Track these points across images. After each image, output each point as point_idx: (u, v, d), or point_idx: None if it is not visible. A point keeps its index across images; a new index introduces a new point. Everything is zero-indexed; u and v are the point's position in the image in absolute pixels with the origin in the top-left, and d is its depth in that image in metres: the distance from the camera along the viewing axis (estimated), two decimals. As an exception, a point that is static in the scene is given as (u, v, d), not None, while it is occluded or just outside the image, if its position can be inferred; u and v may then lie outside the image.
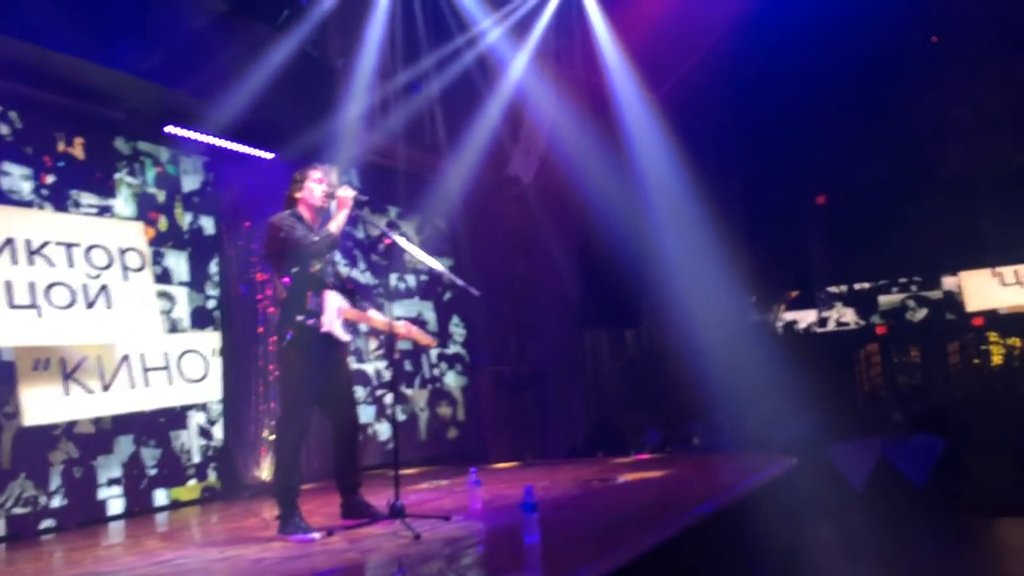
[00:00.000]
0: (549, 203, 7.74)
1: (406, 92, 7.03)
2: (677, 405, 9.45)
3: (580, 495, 4.74)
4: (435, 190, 7.45)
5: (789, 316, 12.12)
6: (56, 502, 5.24)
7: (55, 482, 5.26)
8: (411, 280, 7.84)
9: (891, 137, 10.93)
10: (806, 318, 12.07)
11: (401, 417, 7.46)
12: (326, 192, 4.27)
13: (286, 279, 4.14)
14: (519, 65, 7.07)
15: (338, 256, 7.01)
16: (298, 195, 4.32)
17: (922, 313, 11.42)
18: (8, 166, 5.31)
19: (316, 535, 3.95)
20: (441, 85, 7.07)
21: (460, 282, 4.43)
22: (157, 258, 6.10)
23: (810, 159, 11.05)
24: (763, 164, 10.23)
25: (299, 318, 4.04)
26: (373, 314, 4.43)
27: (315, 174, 4.33)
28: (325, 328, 4.08)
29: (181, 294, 6.24)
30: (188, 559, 3.77)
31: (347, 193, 4.21)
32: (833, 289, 11.89)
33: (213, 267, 6.48)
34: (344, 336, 4.22)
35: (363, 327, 6.98)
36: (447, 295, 8.12)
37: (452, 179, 7.38)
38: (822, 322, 12.00)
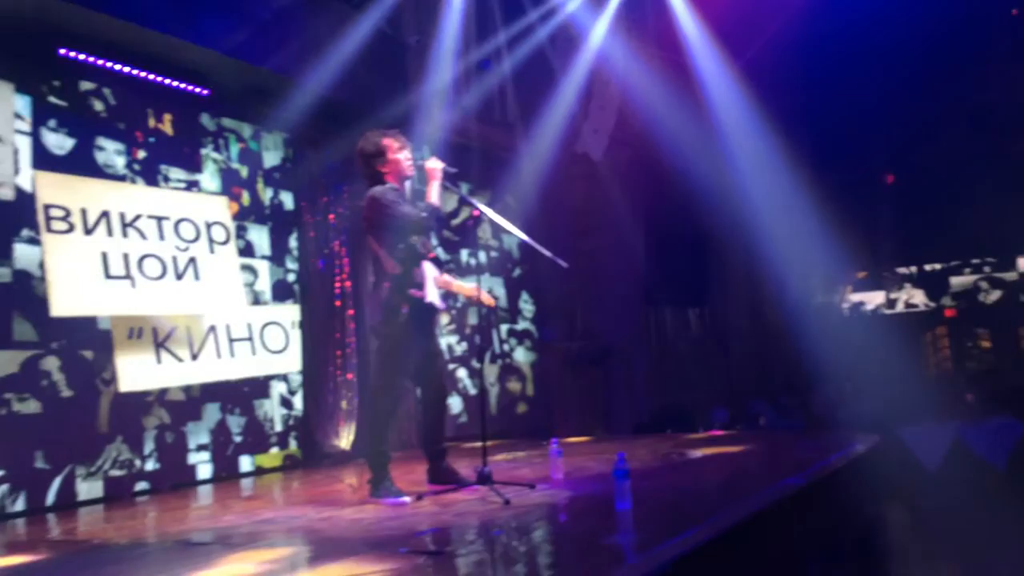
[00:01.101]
0: (619, 180, 7.74)
1: (479, 69, 7.08)
2: (743, 385, 9.42)
3: (661, 467, 4.78)
4: (506, 167, 7.50)
5: (856, 297, 11.95)
6: (150, 465, 5.46)
7: (149, 446, 5.48)
8: (482, 256, 7.93)
9: (963, 114, 10.65)
10: (874, 299, 11.89)
11: (472, 392, 7.58)
12: (411, 161, 4.33)
13: (394, 254, 4.17)
14: (592, 41, 7.06)
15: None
16: (383, 168, 4.34)
17: (996, 295, 11.18)
18: (103, 141, 5.51)
19: (407, 499, 4.06)
20: (514, 62, 7.10)
21: (547, 253, 4.48)
22: (240, 232, 6.27)
23: (879, 137, 10.83)
24: (832, 142, 10.07)
25: (411, 291, 4.13)
26: (452, 281, 4.52)
27: (392, 143, 4.34)
28: (428, 299, 4.18)
29: (263, 268, 6.41)
30: (289, 518, 3.92)
31: (436, 164, 4.27)
32: (903, 270, 11.69)
33: (292, 241, 6.64)
34: (441, 305, 4.33)
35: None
36: (517, 272, 8.19)
37: (523, 156, 7.42)
38: (890, 303, 11.81)
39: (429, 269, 4.25)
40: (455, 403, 7.48)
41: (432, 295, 4.22)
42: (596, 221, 8.10)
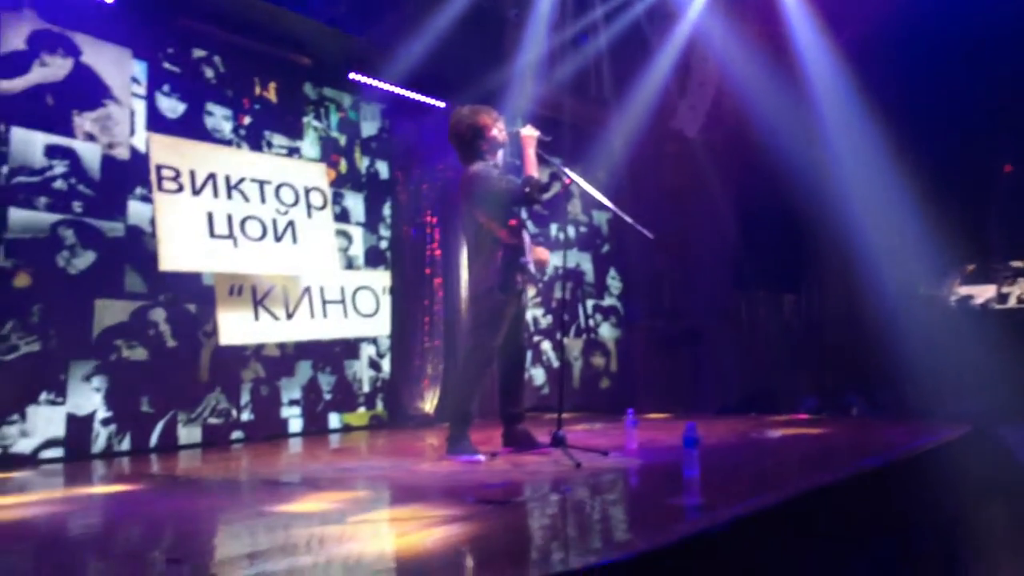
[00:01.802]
0: (714, 159, 7.63)
1: (574, 43, 7.09)
2: (836, 374, 9.17)
3: (738, 443, 4.76)
4: (599, 143, 7.50)
5: (965, 290, 11.43)
6: (245, 416, 5.75)
7: (245, 398, 5.77)
8: (571, 231, 7.97)
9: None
10: (984, 293, 11.34)
11: (556, 364, 7.66)
12: (504, 132, 4.43)
13: (505, 225, 4.29)
14: (690, 15, 6.97)
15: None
16: (484, 147, 4.47)
17: (1117, 292, 10.50)
18: (212, 107, 5.79)
19: (481, 457, 4.17)
20: (610, 36, 7.08)
21: (631, 221, 4.51)
22: (337, 198, 6.50)
23: (999, 125, 10.28)
24: (944, 127, 9.62)
25: (523, 260, 4.25)
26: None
27: (489, 121, 4.47)
28: (530, 266, 4.31)
29: (357, 233, 6.63)
30: (369, 468, 4.09)
31: (531, 132, 4.35)
32: (1017, 263, 11.11)
33: (386, 210, 6.84)
34: (536, 273, 4.44)
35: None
36: (605, 248, 8.20)
37: (616, 132, 7.41)
38: (1002, 298, 11.24)
39: (527, 239, 4.36)
40: (538, 375, 7.58)
41: (531, 263, 4.33)
42: (688, 200, 8.01)
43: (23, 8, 4.87)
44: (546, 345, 7.72)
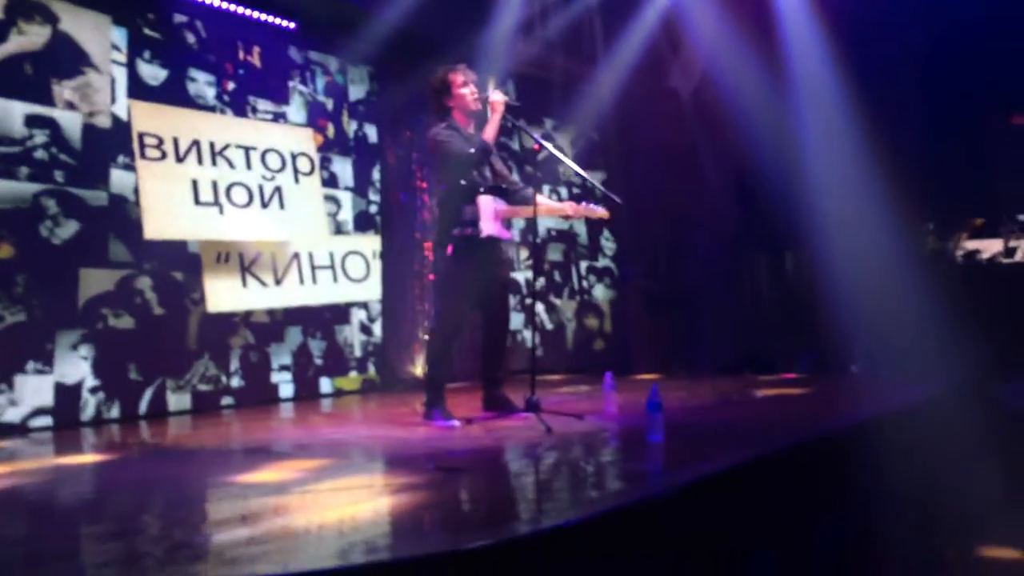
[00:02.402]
0: (708, 119, 7.52)
1: (563, 1, 6.97)
2: (834, 332, 9.12)
3: (715, 406, 4.77)
4: (591, 102, 7.42)
5: (972, 245, 11.29)
6: (235, 382, 5.81)
7: (234, 364, 5.82)
8: (563, 192, 7.92)
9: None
10: (991, 248, 11.20)
11: (549, 326, 7.67)
12: (476, 95, 4.39)
13: (442, 188, 4.30)
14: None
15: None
16: (450, 103, 4.44)
17: None
18: (195, 72, 5.76)
19: (456, 423, 4.21)
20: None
21: (603, 189, 4.47)
22: (325, 163, 6.48)
23: (1004, 74, 10.03)
24: (949, 79, 9.41)
25: (455, 231, 4.22)
26: (542, 201, 4.53)
27: (459, 78, 4.42)
28: (485, 233, 4.25)
29: (346, 198, 6.62)
30: (341, 435, 4.13)
31: (498, 98, 4.30)
32: (1024, 217, 10.93)
33: (375, 174, 6.82)
34: (504, 234, 4.39)
35: (516, 237, 7.17)
36: (614, 197, 8.15)
37: (608, 91, 7.31)
38: (1009, 252, 11.10)
39: (486, 202, 4.31)
40: (530, 337, 7.58)
41: (491, 228, 4.28)
42: (683, 160, 7.92)
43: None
44: (539, 307, 7.73)
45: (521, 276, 7.58)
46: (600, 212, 4.68)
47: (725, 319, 8.11)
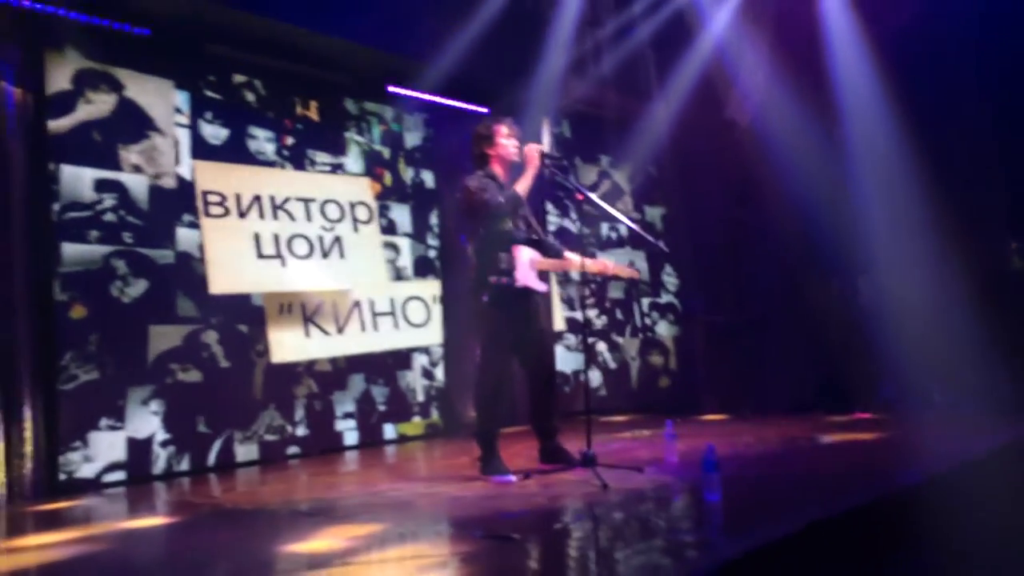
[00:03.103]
0: (769, 147, 7.37)
1: (617, 38, 6.95)
2: (916, 362, 8.78)
3: (781, 454, 4.62)
4: (647, 137, 7.36)
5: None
6: (300, 431, 5.90)
7: (299, 413, 5.91)
8: (622, 229, 7.85)
9: None
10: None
11: (612, 365, 7.59)
12: (517, 148, 4.40)
13: (476, 239, 4.30)
14: (733, 3, 6.73)
15: (549, 206, 7.22)
16: (490, 151, 4.46)
17: None
18: (255, 130, 5.92)
19: (513, 477, 4.17)
20: (653, 28, 6.91)
21: (650, 238, 4.41)
22: (383, 211, 6.57)
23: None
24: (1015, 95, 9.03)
25: (492, 279, 4.21)
26: (568, 256, 4.52)
27: (503, 129, 4.45)
28: (520, 283, 4.24)
29: (405, 245, 6.69)
30: (397, 492, 4.14)
31: (533, 149, 4.30)
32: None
33: (433, 218, 6.88)
34: (539, 287, 4.37)
35: (574, 275, 7.14)
36: (659, 242, 8.05)
37: (664, 125, 7.25)
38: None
39: (524, 252, 4.30)
40: (594, 376, 7.51)
41: (527, 278, 4.27)
42: (747, 189, 7.77)
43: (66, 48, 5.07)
44: (601, 346, 7.65)
45: (582, 315, 7.52)
46: (631, 273, 4.62)
47: (794, 352, 7.89)
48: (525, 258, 4.30)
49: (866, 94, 6.64)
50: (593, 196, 4.35)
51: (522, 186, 4.29)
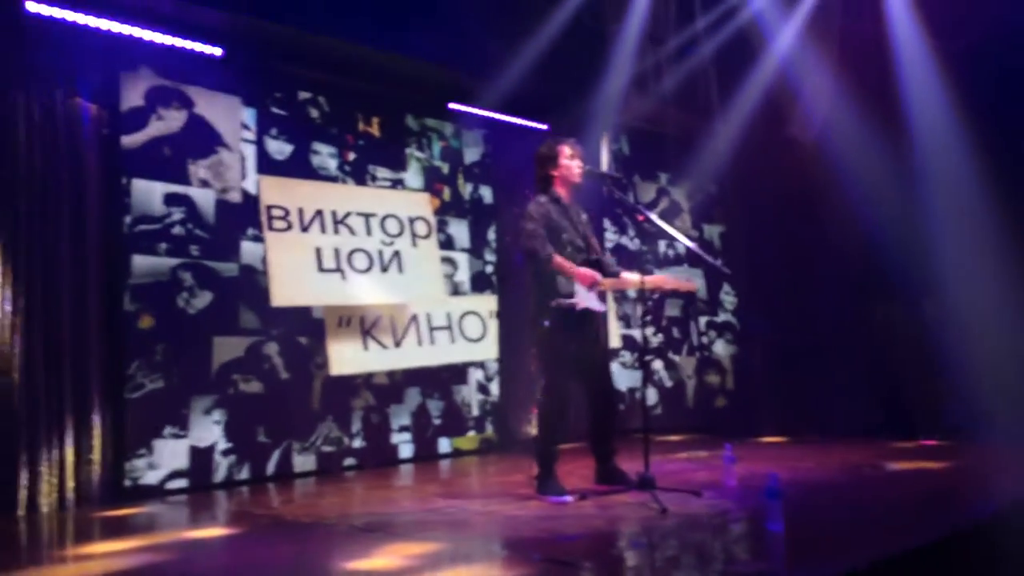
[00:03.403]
0: (831, 164, 7.24)
1: (679, 54, 6.91)
2: (983, 384, 8.52)
3: (845, 482, 4.51)
4: (706, 154, 7.30)
5: None
6: (357, 443, 5.96)
7: (356, 426, 5.97)
8: (680, 247, 7.79)
9: None
10: None
11: (668, 384, 7.51)
12: (581, 169, 4.40)
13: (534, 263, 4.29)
14: (798, 20, 6.64)
15: (607, 223, 7.19)
16: (554, 172, 4.45)
17: None
18: (318, 146, 6.03)
19: (569, 498, 4.15)
20: (715, 45, 6.85)
21: (709, 258, 4.36)
22: (441, 226, 6.62)
23: None
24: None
25: (552, 303, 4.21)
26: (625, 276, 4.49)
27: (566, 150, 4.44)
28: (581, 305, 4.23)
29: (462, 260, 6.73)
30: (454, 509, 4.14)
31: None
32: None
33: (491, 234, 6.91)
34: (599, 307, 4.36)
35: (631, 293, 7.10)
36: (718, 261, 7.97)
37: (725, 142, 7.17)
38: None
39: (592, 273, 4.29)
40: (650, 395, 7.45)
41: (587, 300, 4.25)
42: (808, 209, 7.64)
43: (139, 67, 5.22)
44: (658, 364, 7.58)
45: (639, 333, 7.48)
46: (688, 286, 4.57)
47: (855, 374, 7.71)
48: (596, 275, 4.29)
49: (936, 112, 6.48)
50: (654, 217, 4.32)
51: (577, 276, 4.26)
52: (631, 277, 4.42)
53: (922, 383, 8.21)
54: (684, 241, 4.37)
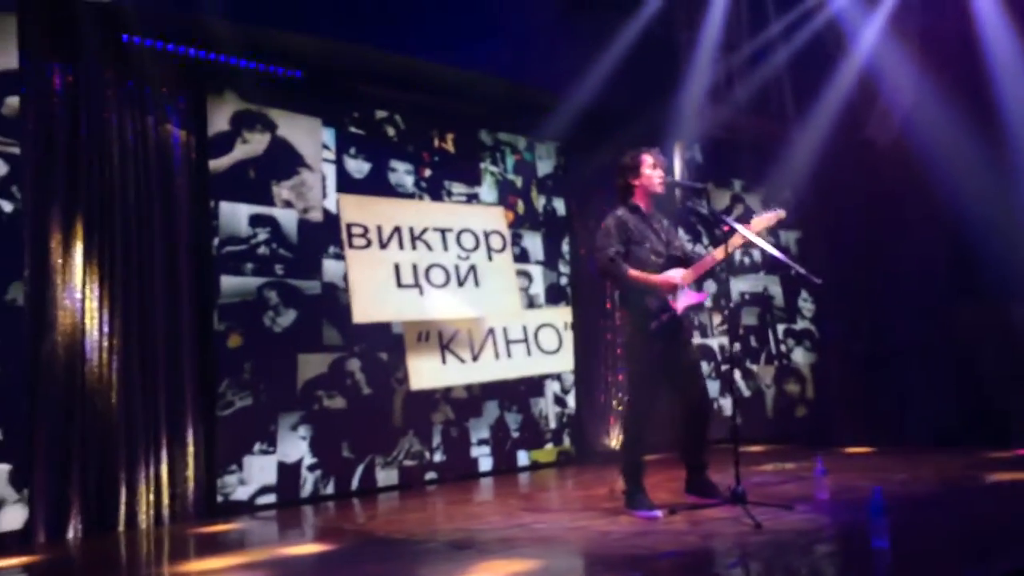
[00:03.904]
0: (910, 167, 7.06)
1: (752, 61, 6.83)
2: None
3: (943, 494, 4.38)
4: (781, 161, 7.18)
5: None
6: (437, 457, 6.01)
7: (436, 440, 6.03)
8: (756, 254, 7.68)
9: None
10: None
11: (746, 393, 7.40)
12: (663, 180, 4.37)
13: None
14: (878, 20, 6.50)
15: (680, 231, 7.12)
16: (635, 182, 4.43)
17: None
18: (395, 163, 6.11)
19: (659, 513, 4.11)
20: (789, 50, 6.75)
21: (801, 270, 4.28)
22: (516, 239, 6.64)
23: None
24: None
25: (641, 310, 4.19)
26: (713, 252, 4.41)
27: (648, 159, 4.41)
28: (681, 309, 4.22)
29: (537, 272, 6.74)
30: (543, 525, 4.15)
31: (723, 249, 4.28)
32: None
33: (565, 246, 6.91)
34: (699, 298, 4.35)
35: (707, 303, 7.04)
36: (807, 274, 7.84)
37: (800, 148, 7.05)
38: None
39: (674, 274, 4.25)
40: (727, 404, 7.35)
41: (686, 299, 4.24)
42: (887, 212, 7.46)
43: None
44: (735, 374, 7.48)
45: (715, 342, 7.39)
46: (774, 217, 4.41)
47: (942, 381, 7.48)
48: (676, 278, 4.26)
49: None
50: (739, 227, 4.27)
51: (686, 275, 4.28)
52: (714, 253, 4.36)
53: (1014, 389, 7.93)
54: (772, 251, 4.31)
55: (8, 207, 4.38)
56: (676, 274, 4.28)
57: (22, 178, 4.45)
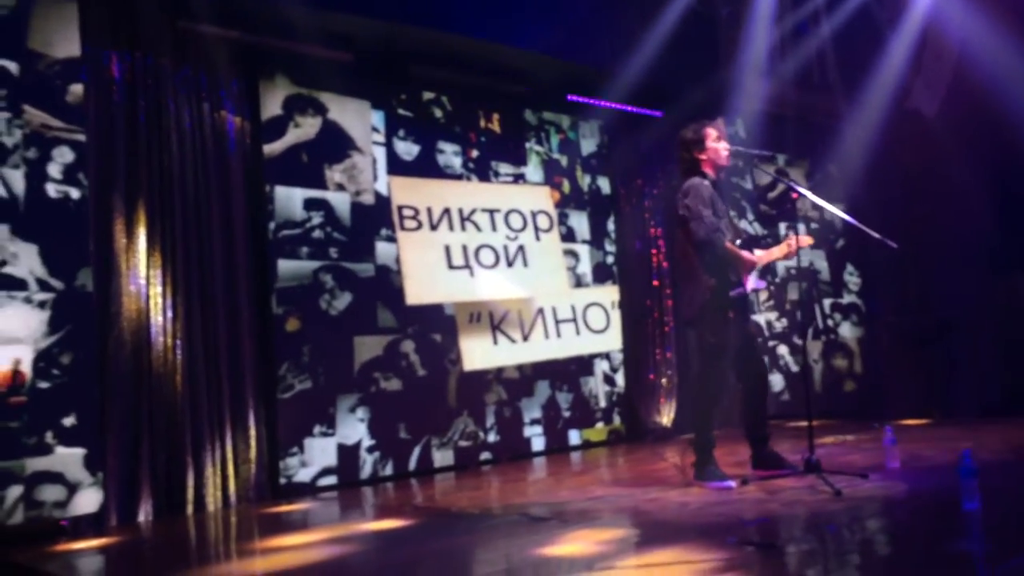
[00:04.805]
0: (957, 137, 7.00)
1: (796, 34, 6.78)
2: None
3: (1017, 460, 4.36)
4: (827, 134, 7.13)
5: None
6: (491, 437, 6.03)
7: (490, 420, 6.04)
8: (801, 229, 7.64)
9: None
10: None
11: (794, 369, 7.38)
12: (729, 150, 4.35)
13: (706, 259, 4.23)
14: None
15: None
16: (701, 156, 4.38)
17: None
18: (443, 144, 6.11)
19: (732, 483, 4.11)
20: (834, 21, 6.69)
21: (875, 235, 4.24)
22: (562, 219, 6.64)
23: None
24: None
25: (731, 293, 4.17)
26: (768, 252, 4.41)
27: (712, 132, 4.37)
28: (750, 288, 4.21)
29: (583, 251, 6.74)
30: (617, 497, 4.16)
31: (801, 242, 4.24)
32: None
33: (610, 225, 6.90)
34: (761, 284, 4.32)
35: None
36: (840, 243, 7.79)
37: (846, 120, 7.00)
38: None
39: (753, 256, 4.26)
40: (776, 380, 7.33)
41: (752, 282, 4.23)
42: (932, 183, 7.41)
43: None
44: (783, 349, 7.46)
45: (762, 318, 7.37)
46: (805, 241, 4.42)
47: (989, 353, 7.43)
48: (755, 258, 4.26)
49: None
50: (809, 193, 4.25)
51: (749, 257, 4.25)
52: (783, 247, 4.37)
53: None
54: (845, 217, 4.29)
55: (75, 193, 4.41)
56: (756, 255, 4.28)
57: (87, 165, 4.48)
